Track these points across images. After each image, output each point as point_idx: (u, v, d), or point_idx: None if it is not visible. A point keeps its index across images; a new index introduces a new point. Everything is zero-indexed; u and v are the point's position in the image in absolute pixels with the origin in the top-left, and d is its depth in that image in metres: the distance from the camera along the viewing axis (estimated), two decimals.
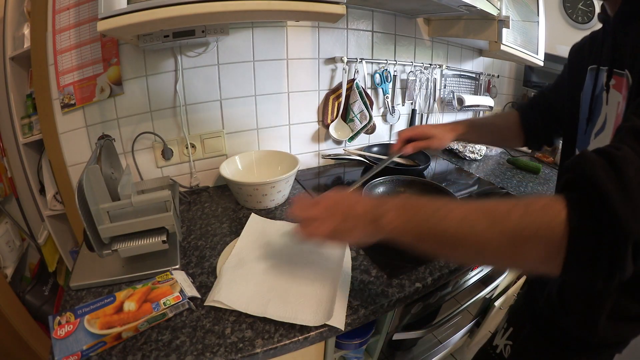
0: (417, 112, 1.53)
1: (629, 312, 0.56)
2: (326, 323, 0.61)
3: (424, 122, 1.58)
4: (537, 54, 1.48)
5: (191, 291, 0.66)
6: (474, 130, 0.90)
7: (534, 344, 0.69)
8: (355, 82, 1.27)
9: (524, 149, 1.70)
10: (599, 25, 0.60)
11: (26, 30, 1.05)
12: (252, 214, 0.94)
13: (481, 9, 1.11)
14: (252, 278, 0.71)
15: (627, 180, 0.31)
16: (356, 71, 1.27)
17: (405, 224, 0.43)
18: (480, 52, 1.68)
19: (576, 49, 0.71)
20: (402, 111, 1.49)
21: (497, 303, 1.29)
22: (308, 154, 1.34)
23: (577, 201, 0.33)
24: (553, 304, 0.64)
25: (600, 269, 0.32)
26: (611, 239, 0.31)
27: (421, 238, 0.43)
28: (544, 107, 0.81)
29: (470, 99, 1.59)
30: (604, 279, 0.33)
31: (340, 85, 1.27)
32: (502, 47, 1.26)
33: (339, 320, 0.62)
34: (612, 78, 0.53)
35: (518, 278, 1.38)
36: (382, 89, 1.37)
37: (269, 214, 0.97)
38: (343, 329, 0.62)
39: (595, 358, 0.63)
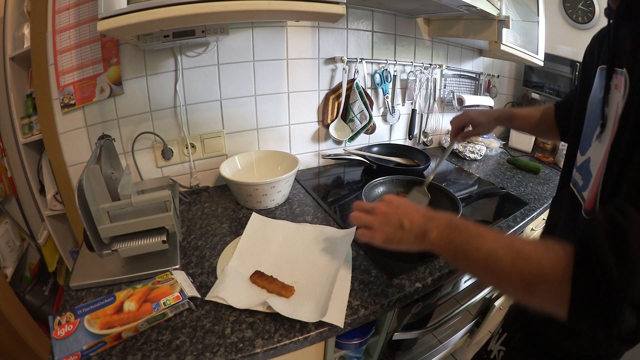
0: (417, 112, 1.53)
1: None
2: (326, 321, 0.61)
3: (424, 123, 1.59)
4: (537, 54, 1.48)
5: (191, 291, 0.66)
6: (515, 121, 0.94)
7: (524, 351, 0.68)
8: (355, 82, 1.27)
9: (524, 148, 1.71)
10: (599, 26, 0.58)
11: (26, 30, 1.06)
12: (254, 213, 0.94)
13: (481, 9, 1.11)
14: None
15: (628, 252, 0.34)
16: (356, 71, 1.27)
17: (446, 244, 0.50)
18: (480, 52, 1.68)
19: (588, 47, 0.68)
20: (402, 111, 1.50)
21: (497, 303, 1.29)
22: (308, 154, 1.34)
23: (582, 264, 0.37)
24: (542, 315, 0.63)
25: (598, 324, 0.36)
26: (608, 302, 0.34)
27: (456, 259, 0.49)
28: (572, 104, 0.78)
29: (470, 99, 1.59)
30: (604, 332, 0.36)
31: (340, 85, 1.27)
32: (502, 47, 1.26)
33: (338, 318, 0.62)
34: (613, 77, 0.50)
35: None
36: (382, 89, 1.37)
37: (269, 214, 0.97)
38: (342, 327, 0.62)
39: None
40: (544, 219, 1.22)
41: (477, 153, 1.53)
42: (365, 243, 0.60)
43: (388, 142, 1.52)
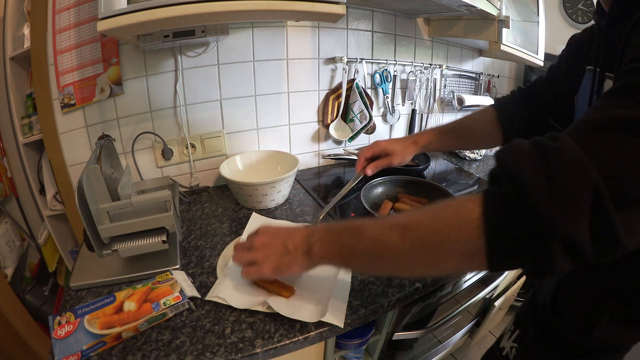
0: (417, 112, 1.53)
1: (626, 317, 0.55)
2: (326, 321, 0.61)
3: (424, 122, 1.59)
4: (537, 54, 1.48)
5: (191, 291, 0.66)
6: (441, 138, 0.84)
7: (537, 348, 0.68)
8: (355, 82, 1.27)
9: None
10: None
11: (26, 30, 1.05)
12: (254, 213, 0.94)
13: (481, 9, 1.11)
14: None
15: (556, 175, 0.29)
16: (356, 71, 1.27)
17: (331, 250, 0.47)
18: (480, 52, 1.68)
19: (577, 42, 0.66)
20: (402, 111, 1.50)
21: (497, 303, 1.29)
22: (308, 154, 1.34)
23: (494, 196, 0.31)
24: (548, 311, 0.63)
25: (526, 266, 0.31)
26: (533, 235, 0.29)
27: (347, 260, 0.46)
28: (525, 103, 0.75)
29: (470, 99, 1.59)
30: (534, 276, 0.32)
31: (340, 85, 1.27)
32: (502, 47, 1.26)
33: (338, 318, 0.62)
34: (606, 83, 0.51)
35: (518, 278, 1.38)
36: (382, 89, 1.37)
37: (269, 214, 0.97)
38: (342, 327, 0.62)
39: None
40: None
41: (477, 153, 1.53)
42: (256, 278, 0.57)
43: None
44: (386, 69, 1.35)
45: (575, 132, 0.31)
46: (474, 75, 1.70)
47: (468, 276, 0.97)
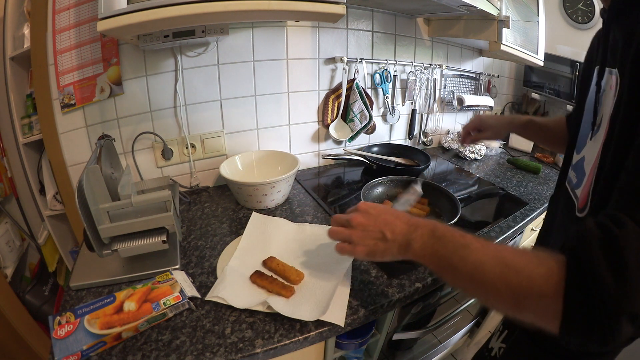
0: (417, 112, 1.53)
1: None
2: (327, 320, 0.61)
3: (424, 123, 1.59)
4: (537, 54, 1.48)
5: (191, 291, 0.66)
6: (529, 128, 0.92)
7: (523, 347, 0.68)
8: (355, 82, 1.27)
9: (524, 148, 1.71)
10: (599, 25, 0.58)
11: (26, 30, 1.05)
12: (254, 212, 0.94)
13: (481, 9, 1.11)
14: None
15: (622, 256, 0.32)
16: (356, 71, 1.27)
17: (430, 255, 0.48)
18: (480, 52, 1.68)
19: (588, 49, 0.68)
20: (402, 111, 1.50)
21: None
22: (308, 154, 1.34)
23: (575, 278, 0.34)
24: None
25: (592, 339, 0.34)
26: (603, 317, 0.32)
27: (441, 270, 0.47)
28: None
29: (470, 99, 1.59)
30: (598, 345, 0.34)
31: (340, 85, 1.27)
32: (502, 47, 1.26)
33: (339, 318, 0.62)
34: (606, 76, 0.51)
35: None
36: (382, 89, 1.37)
37: (269, 214, 0.97)
38: (343, 326, 0.62)
39: None
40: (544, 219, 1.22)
41: (477, 153, 1.53)
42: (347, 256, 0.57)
43: (388, 142, 1.51)
44: (386, 69, 1.35)
45: (630, 205, 0.34)
46: (474, 75, 1.70)
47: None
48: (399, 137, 1.56)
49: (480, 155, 1.54)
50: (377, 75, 1.35)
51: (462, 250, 0.44)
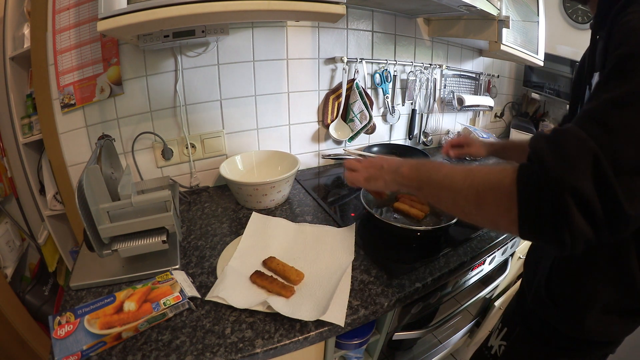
0: (417, 112, 1.53)
1: (619, 307, 0.56)
2: (327, 320, 0.61)
3: (424, 122, 1.59)
4: (537, 54, 1.48)
5: (191, 291, 0.66)
6: (507, 150, 1.00)
7: (525, 343, 0.69)
8: (355, 82, 1.27)
9: None
10: None
11: (26, 30, 1.05)
12: (254, 212, 0.94)
13: (481, 9, 1.11)
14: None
15: (562, 143, 0.38)
16: (356, 71, 1.27)
17: (414, 175, 0.59)
18: (480, 52, 1.68)
19: (581, 59, 0.71)
20: (402, 111, 1.50)
21: (497, 303, 1.29)
22: (308, 154, 1.34)
23: (525, 166, 0.41)
24: (541, 298, 0.64)
25: (546, 219, 0.38)
26: (549, 192, 0.37)
27: (421, 185, 0.57)
28: None
29: (470, 99, 1.59)
30: (557, 237, 0.38)
31: (340, 85, 1.27)
32: (502, 47, 1.26)
33: (339, 317, 0.62)
34: (593, 76, 0.53)
35: (518, 278, 1.38)
36: (382, 89, 1.37)
37: (269, 214, 0.97)
38: (343, 326, 0.62)
39: (587, 357, 0.62)
40: None
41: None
42: (351, 183, 0.71)
43: (388, 142, 1.52)
44: (386, 69, 1.35)
45: (577, 120, 0.39)
46: (474, 75, 1.70)
47: (468, 276, 0.97)
48: (399, 137, 1.56)
49: None
50: (377, 75, 1.35)
51: (438, 167, 0.55)
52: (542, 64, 1.53)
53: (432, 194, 0.55)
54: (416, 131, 1.57)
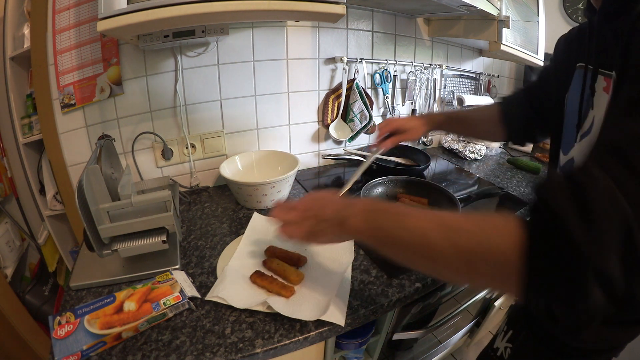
0: (417, 112, 1.53)
1: (618, 319, 0.55)
2: (327, 320, 0.61)
3: None
4: (537, 54, 1.48)
5: (191, 291, 0.66)
6: (451, 123, 0.90)
7: (531, 347, 0.69)
8: (355, 82, 1.27)
9: (524, 148, 1.71)
10: None
11: (26, 30, 1.06)
12: (255, 212, 0.94)
13: (481, 9, 1.11)
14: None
15: (589, 203, 0.29)
16: (356, 71, 1.27)
17: (367, 228, 0.46)
18: (480, 52, 1.68)
19: (563, 42, 0.67)
20: (402, 111, 1.49)
21: (497, 303, 1.29)
22: (308, 154, 1.34)
23: (533, 223, 0.32)
24: (541, 312, 0.64)
25: (558, 296, 0.31)
26: (568, 264, 0.29)
27: (381, 243, 0.45)
28: (526, 103, 0.78)
29: (470, 99, 1.59)
30: (567, 307, 0.31)
31: (340, 85, 1.27)
32: (502, 47, 1.26)
33: (339, 317, 0.62)
34: (599, 79, 0.51)
35: None
36: (382, 89, 1.37)
37: (269, 214, 0.97)
38: (343, 326, 0.62)
39: None
40: None
41: (477, 153, 1.53)
42: (287, 239, 0.56)
43: None
44: (386, 69, 1.35)
45: (602, 159, 0.31)
46: (474, 75, 1.70)
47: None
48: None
49: (480, 155, 1.54)
50: (377, 75, 1.35)
51: (400, 217, 0.42)
52: (542, 64, 1.53)
53: (399, 255, 0.43)
54: None
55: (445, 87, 1.60)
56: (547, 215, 0.31)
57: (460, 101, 1.58)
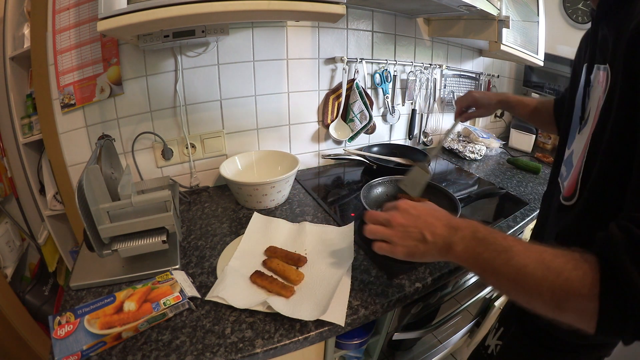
0: (417, 112, 1.53)
1: None
2: (327, 320, 0.61)
3: (424, 123, 1.59)
4: (537, 54, 1.48)
5: (191, 291, 0.66)
6: (518, 106, 0.96)
7: (520, 343, 0.69)
8: (355, 82, 1.27)
9: (524, 148, 1.71)
10: None
11: (26, 30, 1.06)
12: (255, 213, 0.94)
13: (481, 9, 1.11)
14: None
15: None
16: (356, 71, 1.27)
17: (472, 258, 0.47)
18: (480, 52, 1.68)
19: (577, 48, 0.71)
20: (402, 111, 1.50)
21: (497, 303, 1.29)
22: (308, 154, 1.34)
23: (607, 280, 0.37)
24: None
25: (626, 335, 0.37)
26: (635, 314, 0.35)
27: (484, 273, 0.47)
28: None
29: None
30: (631, 341, 0.37)
31: (340, 85, 1.27)
32: (502, 47, 1.26)
33: (339, 317, 0.62)
34: (594, 71, 0.53)
35: None
36: (382, 89, 1.37)
37: (269, 214, 0.97)
38: (343, 326, 0.62)
39: (580, 359, 0.62)
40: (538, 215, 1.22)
41: (477, 153, 1.53)
42: (369, 245, 0.56)
43: (388, 142, 1.51)
44: (386, 69, 1.35)
45: None
46: (474, 75, 1.70)
47: (468, 276, 0.97)
48: (399, 137, 1.56)
49: (480, 155, 1.54)
50: (377, 75, 1.35)
51: (505, 254, 0.44)
52: (542, 64, 1.53)
53: (498, 284, 0.46)
54: (416, 131, 1.57)
55: (445, 87, 1.60)
56: (613, 269, 0.36)
57: None
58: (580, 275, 0.38)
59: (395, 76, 1.40)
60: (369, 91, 1.35)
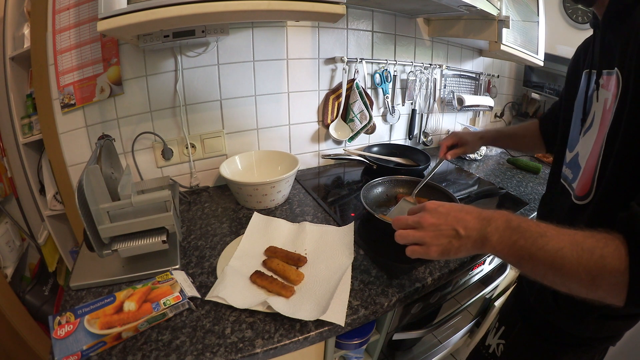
0: (417, 112, 1.53)
1: (618, 312, 0.56)
2: (327, 320, 0.61)
3: (424, 123, 1.59)
4: (537, 54, 1.48)
5: (191, 291, 0.66)
6: (501, 138, 1.01)
7: (526, 341, 0.69)
8: (355, 82, 1.27)
9: None
10: None
11: (26, 30, 1.05)
12: (255, 213, 0.94)
13: (481, 9, 1.11)
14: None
15: None
16: (356, 71, 1.27)
17: (508, 247, 0.47)
18: (480, 52, 1.68)
19: (573, 58, 0.74)
20: (402, 111, 1.50)
21: (497, 303, 1.29)
22: (308, 154, 1.34)
23: (635, 254, 0.39)
24: (545, 299, 0.64)
25: None
26: None
27: (520, 261, 0.47)
28: (557, 115, 0.81)
29: (470, 99, 1.59)
30: None
31: (340, 85, 1.27)
32: (502, 47, 1.26)
33: (339, 317, 0.62)
34: (602, 77, 0.54)
35: (518, 278, 1.38)
36: (382, 89, 1.37)
37: (269, 214, 0.97)
38: (343, 326, 0.62)
39: (588, 352, 0.63)
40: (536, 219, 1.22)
41: (477, 153, 1.53)
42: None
43: (388, 142, 1.52)
44: (386, 69, 1.35)
45: None
46: (474, 75, 1.70)
47: (468, 276, 0.97)
48: (399, 137, 1.56)
49: (480, 155, 1.54)
50: (377, 75, 1.35)
51: (541, 239, 0.44)
52: (542, 64, 1.53)
53: (535, 272, 0.46)
54: (416, 131, 1.57)
55: (445, 87, 1.60)
56: (634, 240, 0.39)
57: (460, 101, 1.58)
58: (612, 252, 0.40)
59: (395, 76, 1.40)
60: (369, 91, 1.35)
